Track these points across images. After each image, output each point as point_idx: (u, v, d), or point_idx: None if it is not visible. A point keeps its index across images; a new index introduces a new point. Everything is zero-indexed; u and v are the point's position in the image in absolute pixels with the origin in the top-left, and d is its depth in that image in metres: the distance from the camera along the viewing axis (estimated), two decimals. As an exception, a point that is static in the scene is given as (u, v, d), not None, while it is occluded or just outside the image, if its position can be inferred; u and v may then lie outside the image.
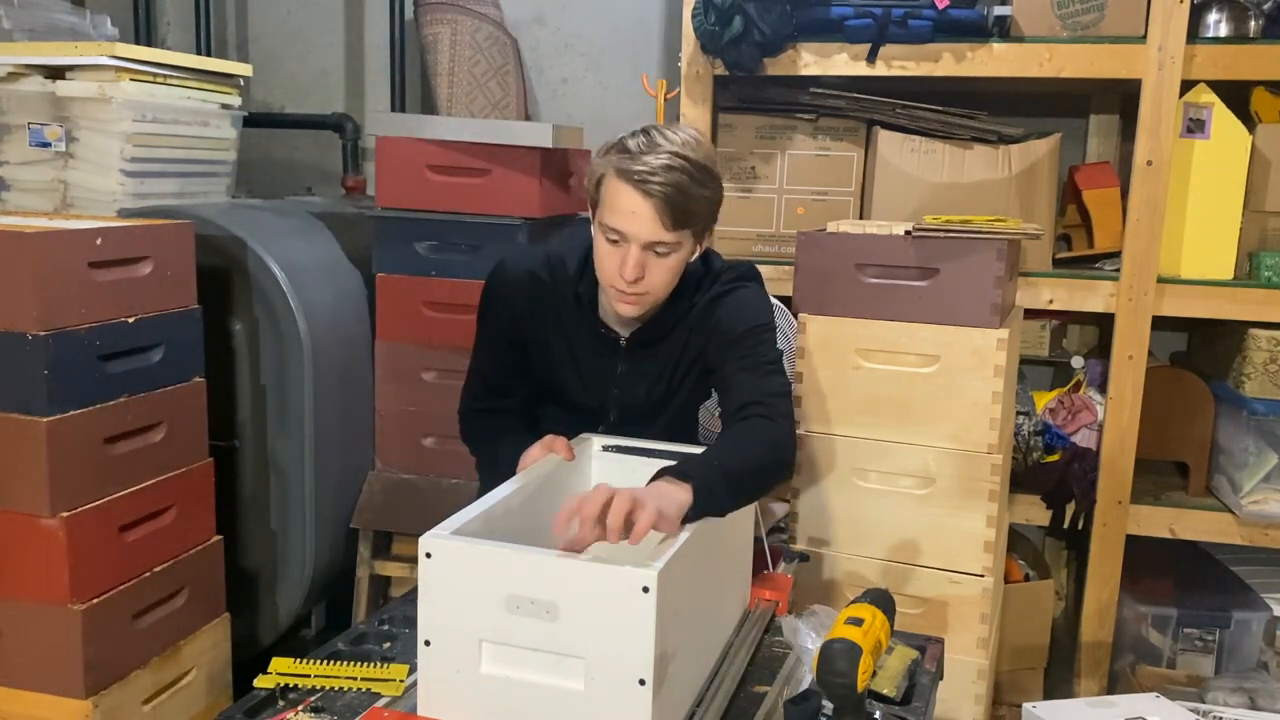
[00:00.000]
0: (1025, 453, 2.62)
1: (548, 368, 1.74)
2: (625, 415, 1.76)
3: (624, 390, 1.74)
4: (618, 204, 1.49)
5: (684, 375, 1.75)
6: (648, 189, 1.46)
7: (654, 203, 1.46)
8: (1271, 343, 2.36)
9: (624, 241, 1.51)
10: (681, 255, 1.56)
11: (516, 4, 3.20)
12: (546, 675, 1.19)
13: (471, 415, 1.80)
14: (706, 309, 1.68)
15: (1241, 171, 2.39)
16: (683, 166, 1.47)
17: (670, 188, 1.46)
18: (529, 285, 1.68)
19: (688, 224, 1.52)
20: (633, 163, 1.46)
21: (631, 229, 1.49)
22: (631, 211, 1.48)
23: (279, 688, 1.38)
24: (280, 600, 2.43)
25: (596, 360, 1.72)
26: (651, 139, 1.48)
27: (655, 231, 1.49)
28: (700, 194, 1.50)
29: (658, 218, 1.48)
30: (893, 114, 2.56)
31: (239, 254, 2.29)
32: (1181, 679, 2.44)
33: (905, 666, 1.49)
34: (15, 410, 1.72)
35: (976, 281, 1.91)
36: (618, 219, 1.50)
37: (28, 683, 1.80)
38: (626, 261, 1.51)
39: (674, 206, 1.47)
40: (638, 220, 1.48)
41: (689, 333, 1.70)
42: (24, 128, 2.38)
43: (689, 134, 1.52)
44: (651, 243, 1.50)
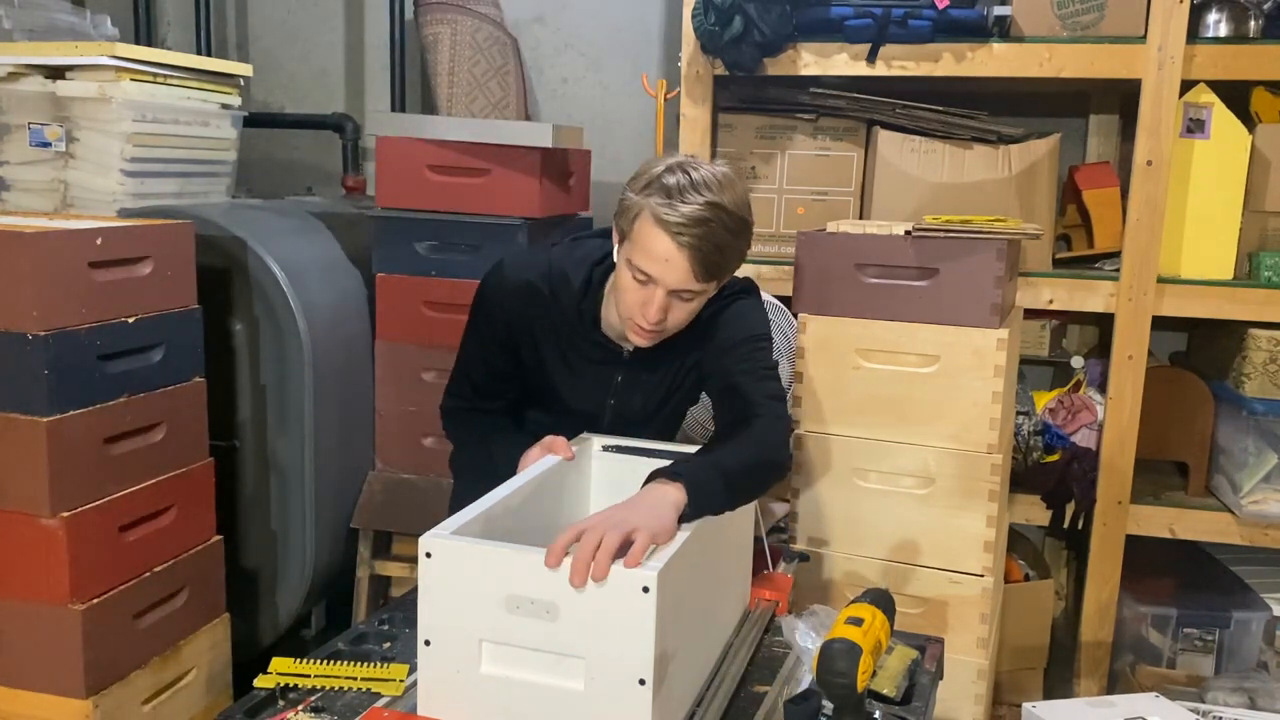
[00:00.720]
0: (1025, 453, 2.62)
1: (541, 375, 1.73)
2: (618, 422, 1.75)
3: (620, 400, 1.74)
4: (652, 248, 1.48)
5: (680, 384, 1.75)
6: (683, 240, 1.45)
7: (688, 254, 1.46)
8: (1271, 343, 2.36)
9: (651, 283, 1.50)
10: (701, 301, 1.57)
11: (516, 4, 3.20)
12: (546, 675, 1.19)
13: (455, 414, 1.80)
14: (705, 321, 1.68)
15: (1241, 171, 2.39)
16: (720, 219, 1.46)
17: (706, 242, 1.45)
18: (526, 295, 1.67)
19: (717, 276, 1.52)
20: (670, 210, 1.45)
21: (662, 275, 1.48)
22: (665, 260, 1.47)
23: (279, 688, 1.38)
24: (280, 600, 2.43)
25: (594, 369, 1.72)
26: (691, 179, 1.46)
27: (686, 281, 1.49)
28: (734, 245, 1.50)
29: (690, 269, 1.47)
30: (893, 114, 2.56)
31: (239, 254, 2.29)
32: (1181, 679, 2.44)
33: (905, 666, 1.49)
34: (15, 410, 1.72)
35: (976, 281, 1.91)
36: (650, 264, 1.49)
37: (28, 683, 1.80)
38: (651, 303, 1.51)
39: (707, 260, 1.47)
40: (670, 269, 1.48)
41: (687, 345, 1.69)
42: (24, 128, 2.38)
43: (722, 170, 1.50)
44: (679, 290, 1.50)
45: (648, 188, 1.48)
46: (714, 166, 1.51)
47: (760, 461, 1.48)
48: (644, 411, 1.76)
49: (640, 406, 1.75)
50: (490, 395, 1.77)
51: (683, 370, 1.73)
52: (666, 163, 1.50)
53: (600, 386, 1.73)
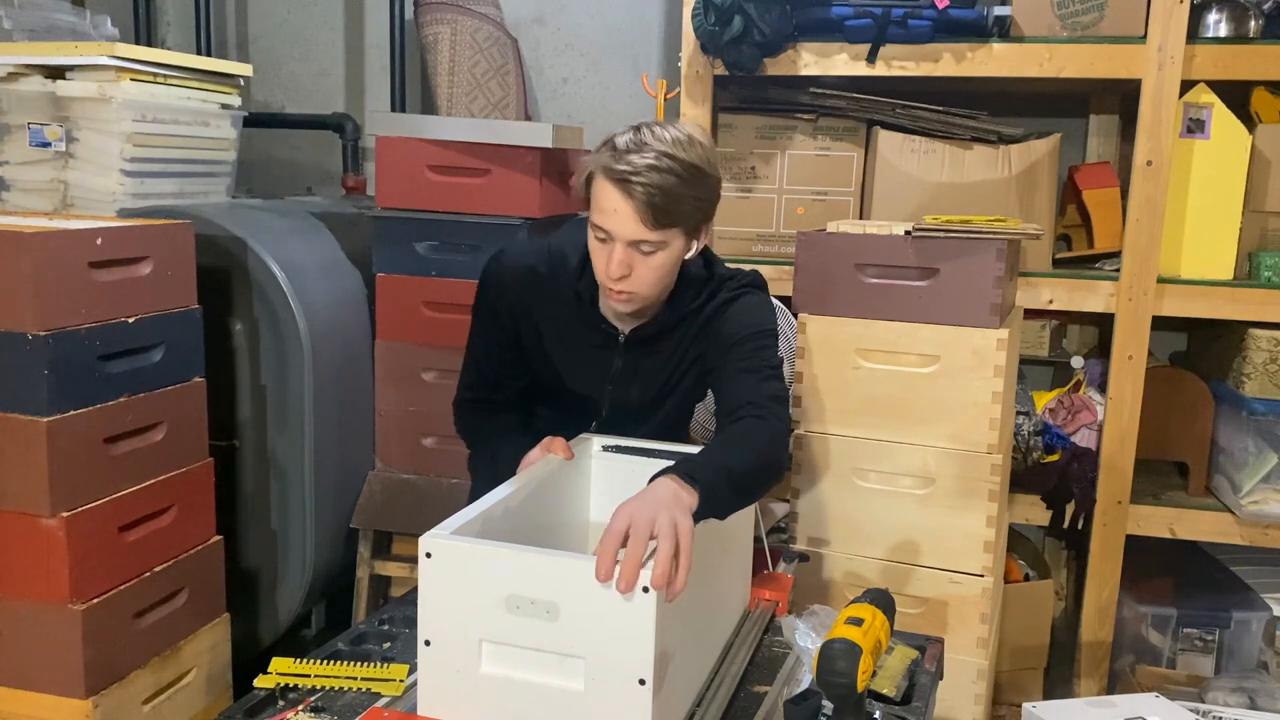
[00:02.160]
0: (1025, 453, 2.62)
1: (542, 361, 1.74)
2: (617, 413, 1.75)
3: (618, 387, 1.74)
4: (601, 202, 1.50)
5: (680, 378, 1.75)
6: (629, 189, 1.46)
7: (635, 203, 1.46)
8: (1271, 343, 2.36)
9: (610, 240, 1.51)
10: (670, 254, 1.54)
11: (516, 4, 3.20)
12: (546, 675, 1.19)
13: (465, 407, 1.80)
14: (711, 315, 1.68)
15: (1241, 171, 2.39)
16: (669, 167, 1.46)
17: (653, 188, 1.45)
18: (527, 278, 1.68)
19: (672, 224, 1.50)
20: (617, 161, 1.46)
21: (614, 227, 1.49)
22: (614, 210, 1.48)
23: (279, 688, 1.38)
24: (280, 600, 2.43)
25: (593, 354, 1.71)
26: (640, 137, 1.48)
27: (637, 231, 1.49)
28: (686, 194, 1.48)
29: (638, 217, 1.47)
30: (893, 114, 2.56)
31: (239, 254, 2.29)
32: (1181, 679, 2.44)
33: (905, 666, 1.49)
34: (15, 410, 1.72)
35: (976, 281, 1.91)
36: (602, 217, 1.50)
37: (28, 683, 1.80)
38: (612, 260, 1.51)
39: (655, 207, 1.46)
40: (619, 219, 1.48)
41: (691, 337, 1.69)
42: (24, 128, 2.38)
43: (683, 132, 1.51)
44: (635, 241, 1.50)
45: (600, 149, 1.51)
46: (672, 127, 1.51)
47: (762, 466, 1.48)
48: (641, 402, 1.75)
49: (638, 396, 1.74)
50: (496, 384, 1.77)
51: (684, 363, 1.72)
52: (624, 127, 1.52)
53: (598, 372, 1.73)
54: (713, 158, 1.54)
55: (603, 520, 1.64)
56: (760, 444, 1.49)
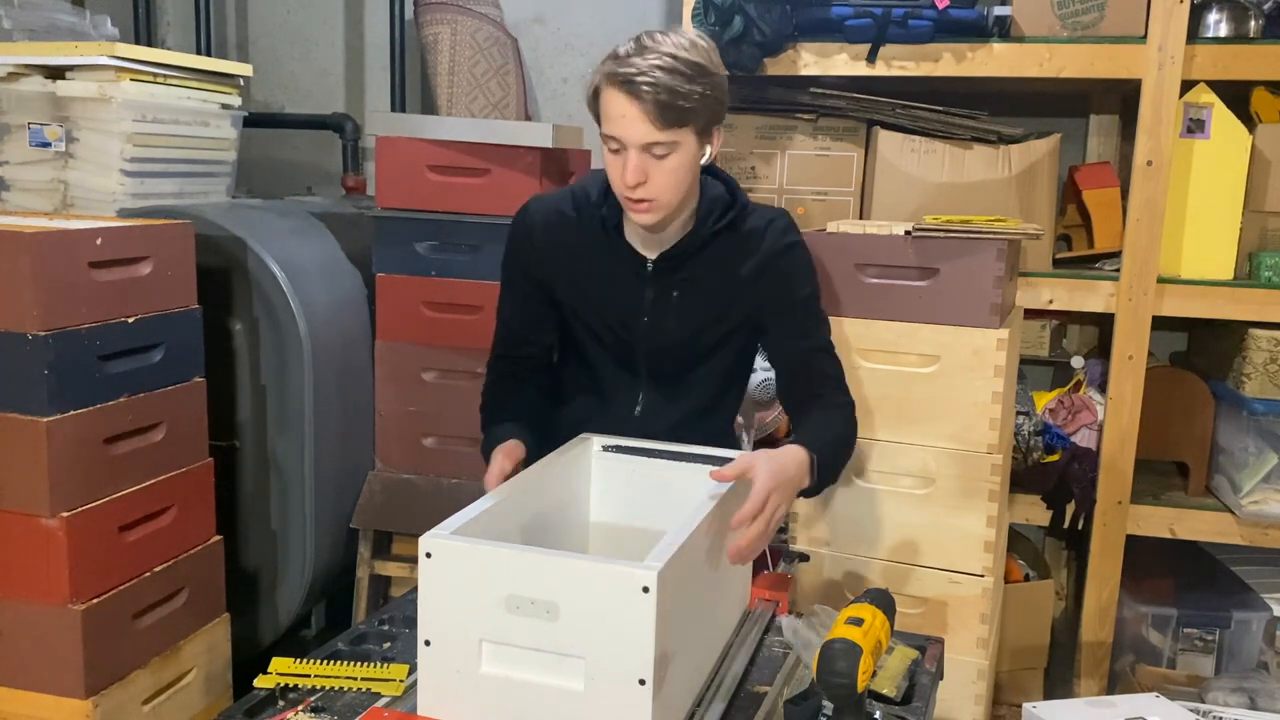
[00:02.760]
0: (1025, 453, 2.62)
1: (579, 301, 1.71)
2: (656, 356, 1.71)
3: (653, 320, 1.68)
4: (610, 110, 1.48)
5: (720, 317, 1.69)
6: (635, 90, 1.45)
7: (642, 104, 1.44)
8: (1271, 343, 2.36)
9: (623, 149, 1.50)
10: (683, 156, 1.52)
11: (516, 4, 3.20)
12: (546, 675, 1.19)
13: (493, 369, 1.80)
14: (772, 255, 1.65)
15: (1241, 171, 2.39)
16: (672, 66, 1.45)
17: (658, 87, 1.44)
18: (554, 222, 1.67)
19: (682, 122, 1.47)
20: (620, 66, 1.46)
21: (624, 133, 1.48)
22: (622, 115, 1.47)
23: (279, 688, 1.38)
24: (280, 600, 2.43)
25: (626, 285, 1.67)
26: (641, 44, 1.48)
27: (648, 133, 1.47)
28: (692, 90, 1.46)
29: (647, 118, 1.46)
30: (893, 114, 2.56)
31: (239, 254, 2.29)
32: (1181, 679, 2.44)
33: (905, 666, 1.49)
34: (15, 410, 1.72)
35: (976, 281, 1.91)
36: (611, 125, 1.49)
37: (28, 683, 1.80)
38: (626, 168, 1.49)
39: (663, 105, 1.45)
40: (629, 123, 1.47)
41: (730, 273, 1.66)
42: (24, 128, 2.38)
43: (684, 37, 1.50)
44: (647, 144, 1.48)
45: (603, 62, 1.51)
46: (672, 33, 1.51)
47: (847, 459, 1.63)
48: (679, 337, 1.69)
49: (675, 329, 1.69)
50: (524, 341, 1.76)
51: (724, 301, 1.67)
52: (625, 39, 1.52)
53: (633, 306, 1.68)
54: (716, 59, 1.53)
55: (603, 520, 1.65)
56: (852, 438, 1.66)
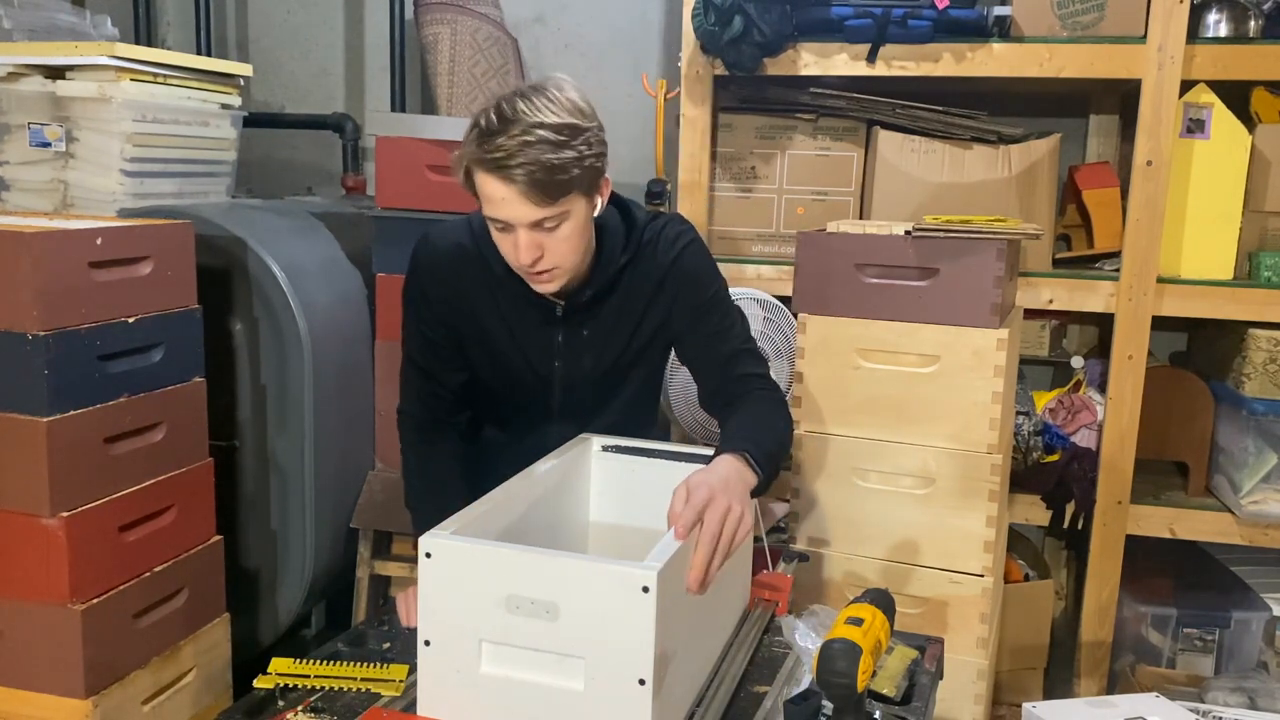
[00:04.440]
0: (1025, 453, 2.62)
1: (486, 347, 1.65)
2: (569, 389, 1.68)
3: (566, 362, 1.66)
4: (487, 192, 1.42)
5: (636, 344, 1.67)
6: (508, 174, 1.37)
7: (519, 186, 1.38)
8: (1271, 343, 2.36)
9: (509, 228, 1.45)
10: (575, 222, 1.46)
11: (516, 4, 3.20)
12: (546, 675, 1.19)
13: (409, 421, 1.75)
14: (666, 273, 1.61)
15: (1241, 171, 2.39)
16: (541, 137, 1.36)
17: (532, 165, 1.36)
18: (458, 259, 1.60)
19: (564, 192, 1.41)
20: (488, 149, 1.38)
21: (508, 215, 1.42)
22: (502, 199, 1.40)
23: (279, 688, 1.38)
24: (280, 600, 2.43)
25: (535, 331, 1.64)
26: (504, 115, 1.38)
27: (531, 212, 1.40)
28: (567, 158, 1.38)
29: (527, 199, 1.39)
30: (893, 114, 2.56)
31: (239, 254, 2.29)
32: (1181, 679, 2.44)
33: (905, 666, 1.49)
34: (15, 410, 1.72)
35: (976, 281, 1.91)
36: (492, 208, 1.43)
37: (28, 683, 1.80)
38: (519, 248, 1.44)
39: (540, 184, 1.38)
40: (510, 206, 1.40)
41: (640, 301, 1.63)
42: (24, 128, 2.38)
43: (547, 92, 1.41)
44: (535, 222, 1.43)
45: (467, 137, 1.43)
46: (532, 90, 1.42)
47: (788, 446, 1.62)
48: (595, 372, 1.67)
49: (591, 368, 1.66)
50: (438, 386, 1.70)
51: (634, 324, 1.65)
52: (482, 106, 1.42)
53: (545, 349, 1.65)
54: (585, 103, 1.45)
55: (603, 520, 1.65)
56: (785, 425, 1.60)
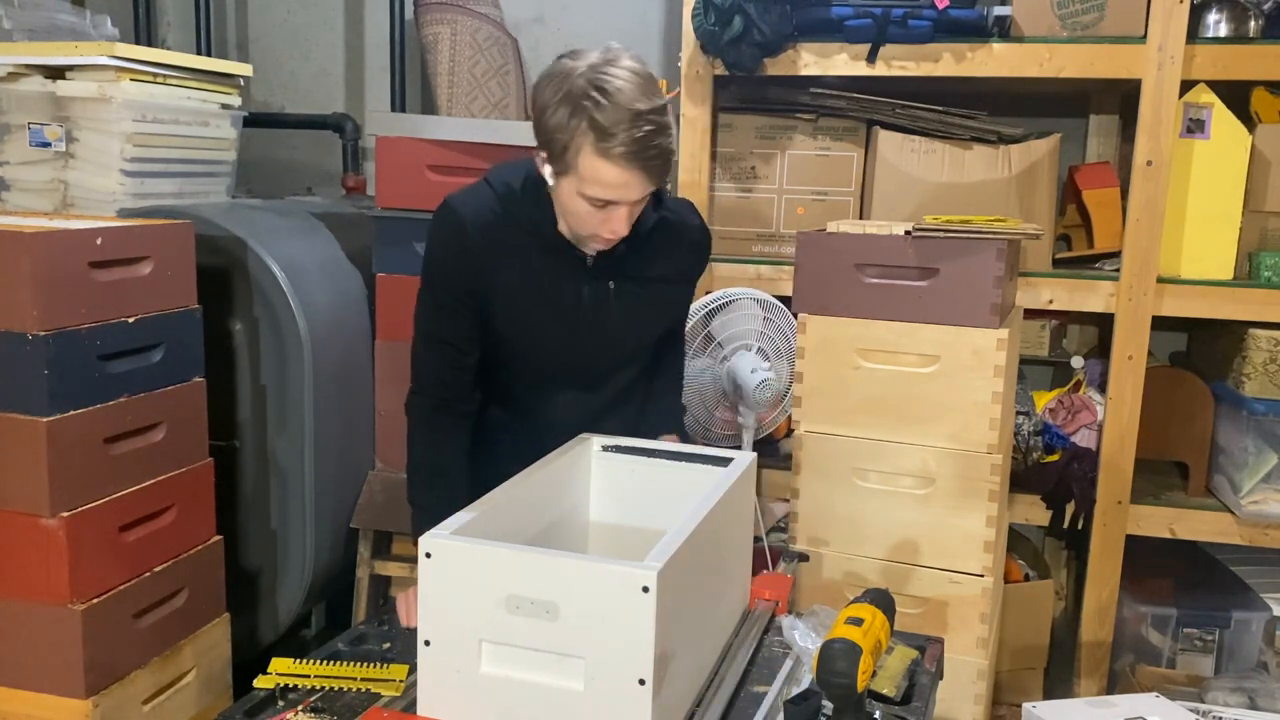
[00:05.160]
0: (1025, 453, 2.62)
1: (512, 306, 1.63)
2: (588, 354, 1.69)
3: (591, 316, 1.66)
4: (605, 179, 1.45)
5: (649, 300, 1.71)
6: (637, 163, 1.44)
7: (642, 173, 1.46)
8: (1271, 343, 2.36)
9: (611, 205, 1.49)
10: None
11: (516, 4, 3.20)
12: (546, 675, 1.19)
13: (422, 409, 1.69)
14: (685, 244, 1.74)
15: (1241, 171, 2.39)
16: (658, 126, 1.44)
17: (655, 156, 1.45)
18: (485, 221, 1.59)
19: (669, 170, 1.54)
20: (611, 144, 1.42)
21: (623, 197, 1.48)
22: (623, 184, 1.46)
23: (279, 688, 1.38)
24: (280, 600, 2.43)
25: (564, 284, 1.64)
26: (615, 103, 1.41)
27: (645, 191, 1.50)
28: (673, 139, 1.49)
29: (647, 182, 1.48)
30: (893, 114, 2.56)
31: (239, 254, 2.29)
32: (1181, 679, 2.44)
33: (905, 666, 1.49)
34: (15, 410, 1.71)
35: (976, 281, 1.91)
36: (607, 191, 1.47)
37: (28, 683, 1.80)
38: (619, 221, 1.50)
39: (660, 170, 1.48)
40: (629, 189, 1.47)
41: (656, 257, 1.68)
42: (24, 128, 2.38)
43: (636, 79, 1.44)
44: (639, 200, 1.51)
45: (574, 116, 1.43)
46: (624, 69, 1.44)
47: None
48: (615, 331, 1.69)
49: (613, 323, 1.68)
50: (460, 362, 1.66)
51: (660, 291, 1.73)
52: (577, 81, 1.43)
53: (572, 304, 1.65)
54: (652, 74, 1.50)
55: (603, 520, 1.65)
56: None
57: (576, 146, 1.45)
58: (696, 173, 2.61)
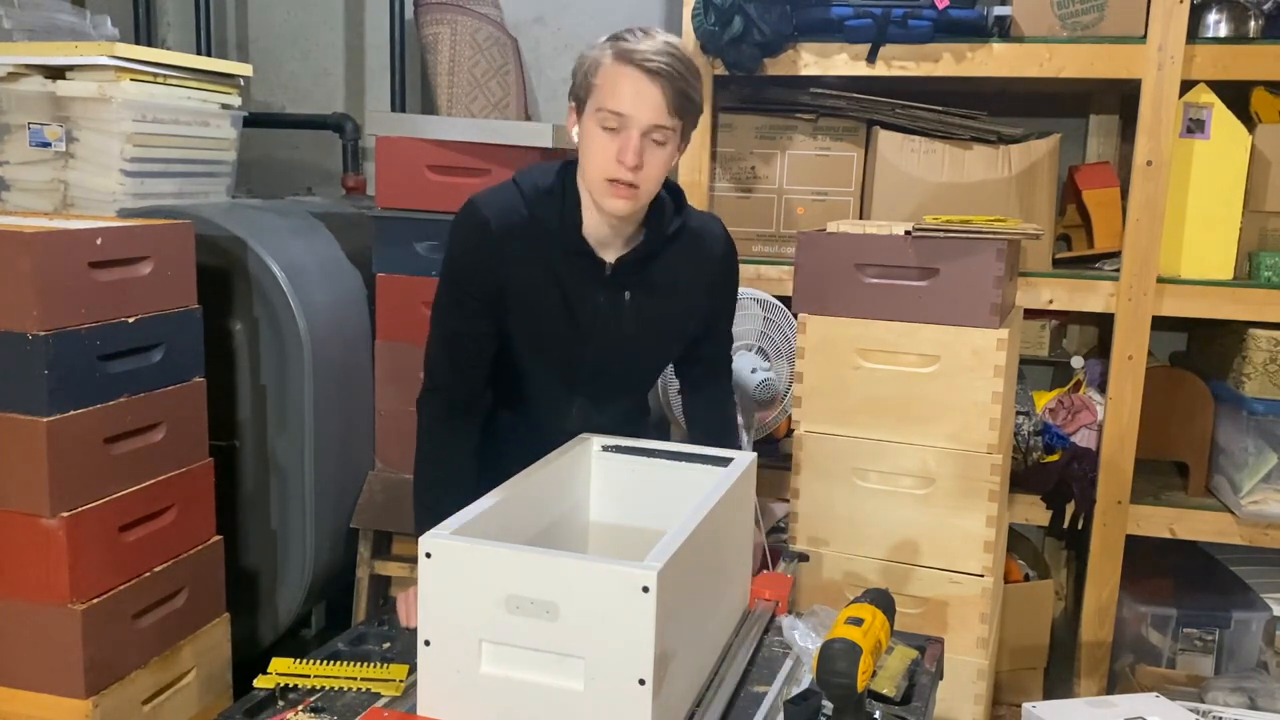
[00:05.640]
0: (1025, 453, 2.62)
1: (531, 305, 1.63)
2: (599, 364, 1.68)
3: (606, 324, 1.65)
4: (619, 88, 1.48)
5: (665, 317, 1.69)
6: (653, 71, 1.46)
7: (660, 84, 1.47)
8: (1271, 343, 2.36)
9: (624, 128, 1.49)
10: (671, 149, 1.54)
11: (516, 4, 3.20)
12: (546, 675, 1.19)
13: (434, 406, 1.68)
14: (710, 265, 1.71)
15: (1241, 171, 2.39)
16: (681, 56, 1.49)
17: (674, 73, 1.47)
18: (509, 221, 1.59)
19: (684, 113, 1.52)
20: (633, 47, 1.47)
21: (635, 111, 1.48)
22: (636, 93, 1.47)
23: (279, 688, 1.38)
24: (280, 600, 2.43)
25: (582, 288, 1.63)
26: (646, 32, 1.50)
27: (659, 114, 1.48)
28: (695, 85, 1.52)
29: (663, 100, 1.48)
30: (893, 114, 2.56)
31: (239, 254, 2.29)
32: (1181, 679, 2.44)
33: (905, 666, 1.49)
34: (15, 410, 1.72)
35: (976, 281, 1.91)
36: (620, 102, 1.48)
37: (28, 683, 1.80)
38: (628, 147, 1.48)
39: (677, 91, 1.48)
40: (642, 101, 1.47)
41: (676, 272, 1.66)
42: (24, 128, 2.38)
43: (673, 39, 1.53)
44: (652, 127, 1.49)
45: (603, 43, 1.51)
46: (657, 32, 1.52)
47: None
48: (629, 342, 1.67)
49: (627, 332, 1.66)
50: (474, 359, 1.66)
51: (680, 308, 1.70)
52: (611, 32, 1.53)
53: (589, 310, 1.64)
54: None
55: (603, 520, 1.65)
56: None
57: (597, 63, 1.51)
58: (696, 173, 2.61)
